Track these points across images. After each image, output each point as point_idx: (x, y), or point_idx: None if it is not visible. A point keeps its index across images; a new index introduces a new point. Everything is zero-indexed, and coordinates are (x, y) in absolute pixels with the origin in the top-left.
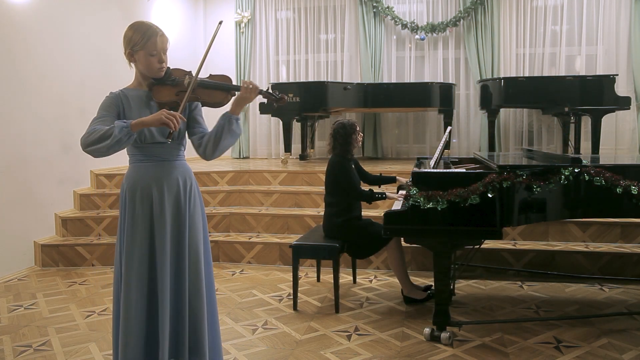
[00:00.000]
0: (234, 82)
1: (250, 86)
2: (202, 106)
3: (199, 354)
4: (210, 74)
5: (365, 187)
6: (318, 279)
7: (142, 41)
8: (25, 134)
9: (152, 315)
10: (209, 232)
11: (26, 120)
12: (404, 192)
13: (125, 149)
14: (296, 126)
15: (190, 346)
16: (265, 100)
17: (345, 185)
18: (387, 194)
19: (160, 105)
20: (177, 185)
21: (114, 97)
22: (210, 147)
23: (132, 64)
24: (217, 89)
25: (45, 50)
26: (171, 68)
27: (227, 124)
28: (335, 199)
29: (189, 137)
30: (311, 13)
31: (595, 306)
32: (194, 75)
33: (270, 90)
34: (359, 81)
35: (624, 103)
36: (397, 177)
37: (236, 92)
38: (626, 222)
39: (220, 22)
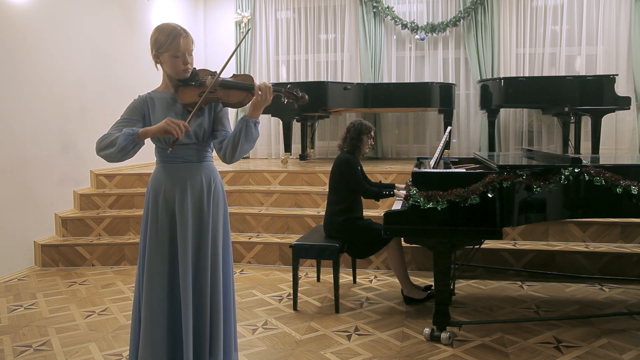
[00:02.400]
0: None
1: (265, 88)
2: (224, 106)
3: (213, 354)
4: (234, 74)
5: None
6: (318, 279)
7: (167, 43)
8: (25, 134)
9: (175, 316)
10: None
11: (26, 121)
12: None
13: (154, 150)
14: (296, 126)
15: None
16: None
17: (352, 181)
18: (395, 191)
19: (183, 106)
20: (200, 187)
21: (140, 101)
22: (229, 151)
23: (159, 66)
24: (237, 88)
25: (45, 50)
26: (197, 69)
27: (244, 128)
28: (338, 197)
29: (212, 140)
30: (311, 13)
31: (595, 306)
32: (219, 73)
33: (291, 90)
34: (359, 81)
35: (624, 103)
36: (395, 185)
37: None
38: (626, 222)
39: (249, 30)
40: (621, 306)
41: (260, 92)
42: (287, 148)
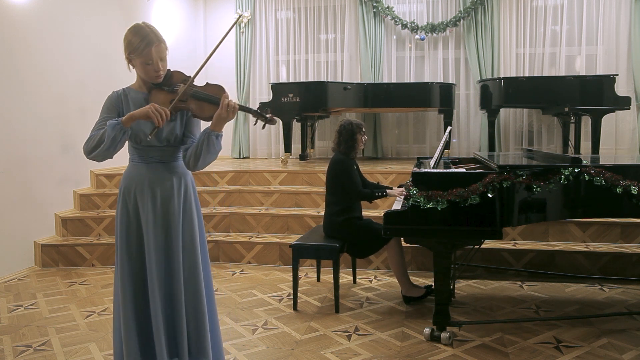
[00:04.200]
0: (237, 85)
1: (230, 106)
2: (194, 117)
3: (202, 353)
4: (207, 83)
5: None
6: (318, 279)
7: (139, 49)
8: (25, 134)
9: (147, 315)
10: (209, 232)
11: (26, 120)
12: (402, 189)
13: (127, 147)
14: (296, 126)
15: (193, 346)
16: (265, 100)
17: (346, 185)
18: (387, 190)
19: None
20: (170, 187)
21: (115, 97)
22: (192, 161)
23: (132, 67)
24: (209, 102)
25: (45, 50)
26: (172, 71)
27: (206, 141)
28: (336, 198)
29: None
30: (311, 13)
31: (595, 306)
32: (190, 82)
33: (261, 112)
34: (359, 81)
35: (624, 103)
36: (393, 188)
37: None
38: (626, 222)
39: (240, 16)
40: (621, 306)
41: (224, 109)
42: (287, 148)
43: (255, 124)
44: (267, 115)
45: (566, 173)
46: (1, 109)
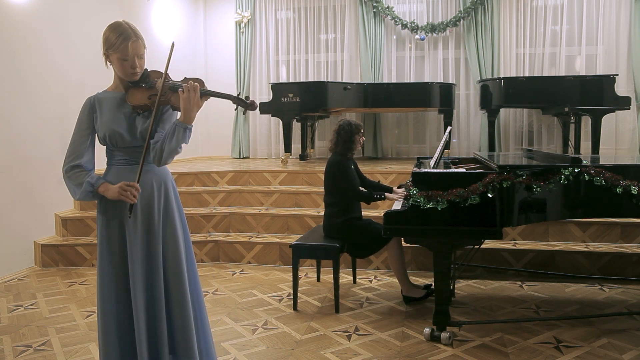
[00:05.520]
0: (237, 85)
1: (189, 86)
2: (173, 110)
3: (188, 354)
4: (185, 77)
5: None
6: (318, 279)
7: (116, 45)
8: (25, 134)
9: (128, 319)
10: (209, 232)
11: (26, 120)
12: (403, 190)
13: (105, 151)
14: (296, 126)
15: (180, 347)
16: (265, 100)
17: (344, 186)
18: (386, 194)
19: (133, 109)
20: (150, 189)
21: (88, 108)
22: (157, 153)
23: (110, 64)
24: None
25: (46, 50)
26: (149, 70)
27: (172, 131)
28: (334, 199)
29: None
30: (311, 13)
31: (595, 306)
32: (166, 78)
33: (240, 97)
34: (359, 81)
35: (624, 103)
36: (393, 188)
37: (209, 98)
38: (626, 222)
39: (173, 44)
40: (621, 306)
41: (183, 91)
42: (287, 148)
43: (236, 109)
44: (248, 101)
45: (566, 173)
46: (1, 109)
